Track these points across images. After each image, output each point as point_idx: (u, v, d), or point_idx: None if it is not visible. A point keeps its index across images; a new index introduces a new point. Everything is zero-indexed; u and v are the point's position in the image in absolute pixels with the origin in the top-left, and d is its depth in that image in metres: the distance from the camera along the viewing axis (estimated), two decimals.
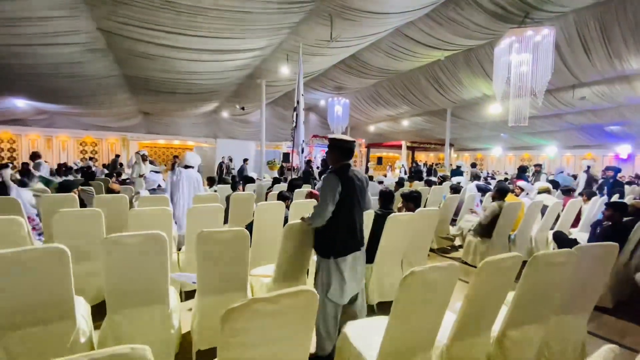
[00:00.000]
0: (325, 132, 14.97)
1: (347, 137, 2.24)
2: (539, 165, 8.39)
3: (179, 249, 3.48)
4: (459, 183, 6.01)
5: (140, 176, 6.90)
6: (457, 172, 8.43)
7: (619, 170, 7.83)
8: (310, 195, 3.60)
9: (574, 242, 3.43)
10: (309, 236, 2.31)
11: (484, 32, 7.61)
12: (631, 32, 6.73)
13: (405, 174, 11.68)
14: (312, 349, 2.10)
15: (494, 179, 9.30)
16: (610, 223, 3.15)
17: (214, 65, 7.97)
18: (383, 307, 2.92)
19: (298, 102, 6.67)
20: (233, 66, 8.46)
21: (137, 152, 7.67)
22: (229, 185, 5.73)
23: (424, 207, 5.49)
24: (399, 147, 18.00)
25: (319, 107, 16.54)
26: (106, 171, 9.42)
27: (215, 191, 5.55)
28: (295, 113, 6.67)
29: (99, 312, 2.13)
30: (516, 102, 6.85)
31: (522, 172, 7.68)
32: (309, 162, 8.11)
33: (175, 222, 3.85)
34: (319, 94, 13.77)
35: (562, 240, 3.54)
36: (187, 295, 3.12)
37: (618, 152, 14.26)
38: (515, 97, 6.83)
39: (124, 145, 15.30)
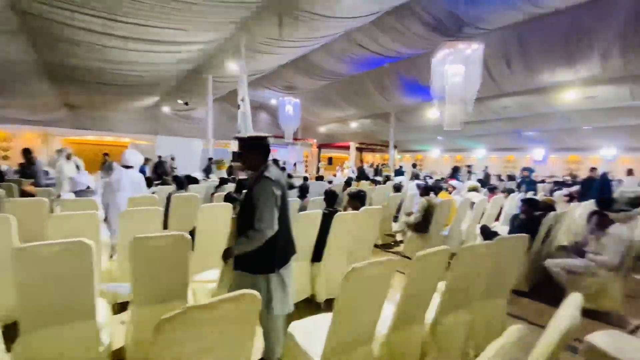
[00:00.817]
0: (277, 132, 14.81)
1: (262, 134, 1.98)
2: (470, 166, 9.35)
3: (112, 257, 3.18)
4: (400, 182, 6.41)
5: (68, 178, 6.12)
6: (399, 172, 8.99)
7: (533, 171, 9.06)
8: None
9: (495, 235, 3.87)
10: None
11: (422, 43, 8.20)
12: (544, 50, 7.80)
13: (354, 173, 12.13)
14: (260, 353, 2.07)
15: (432, 178, 10.11)
16: (524, 217, 3.64)
17: (153, 57, 7.40)
18: (331, 304, 3.00)
19: (243, 100, 6.52)
20: (175, 59, 7.95)
21: (60, 150, 6.80)
22: (172, 186, 5.38)
23: (370, 205, 5.77)
24: (348, 147, 18.58)
25: (269, 106, 16.33)
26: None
27: (154, 193, 5.17)
28: (240, 111, 6.52)
29: (10, 334, 1.85)
30: (450, 109, 7.53)
31: (455, 172, 8.47)
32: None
33: (110, 228, 3.50)
34: (269, 92, 13.60)
35: (487, 233, 3.99)
36: (122, 307, 2.87)
37: (534, 155, 16.45)
38: (450, 104, 7.51)
39: (45, 142, 13.43)
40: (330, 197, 3.21)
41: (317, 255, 3.03)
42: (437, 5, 6.81)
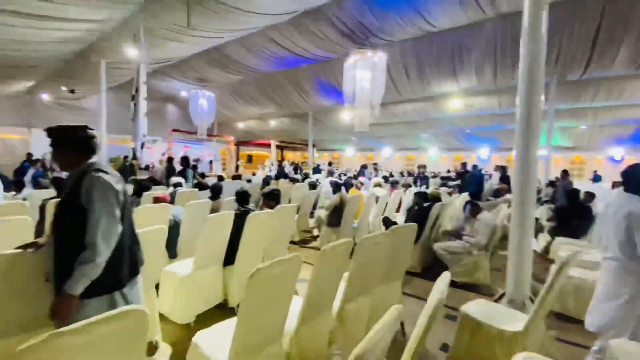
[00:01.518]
0: (188, 127, 13.70)
1: (78, 124, 1.53)
2: (376, 164, 10.32)
3: None
4: (317, 180, 6.66)
5: None
6: (316, 169, 9.32)
7: (424, 167, 10.60)
8: (156, 199, 3.24)
9: (394, 224, 4.35)
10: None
11: (335, 47, 8.63)
12: (435, 63, 9.02)
13: (271, 172, 12.09)
14: None
15: (345, 175, 10.78)
16: (417, 207, 4.18)
17: (33, 34, 6.05)
18: None
19: (137, 90, 5.86)
20: (57, 37, 6.64)
21: None
22: (50, 191, 4.48)
23: (290, 203, 5.83)
24: (269, 145, 18.38)
25: (179, 98, 15.01)
26: None
27: (25, 199, 4.24)
28: (133, 103, 5.85)
29: None
30: (360, 112, 8.14)
31: (363, 169, 9.21)
32: (170, 160, 7.24)
33: None
34: (179, 83, 12.49)
35: (388, 223, 4.46)
36: None
37: (429, 153, 19.02)
38: (359, 107, 8.11)
39: None
40: (242, 197, 3.14)
41: (230, 258, 2.93)
42: (348, 14, 7.25)
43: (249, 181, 7.28)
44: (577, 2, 6.25)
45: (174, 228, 3.18)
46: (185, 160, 7.05)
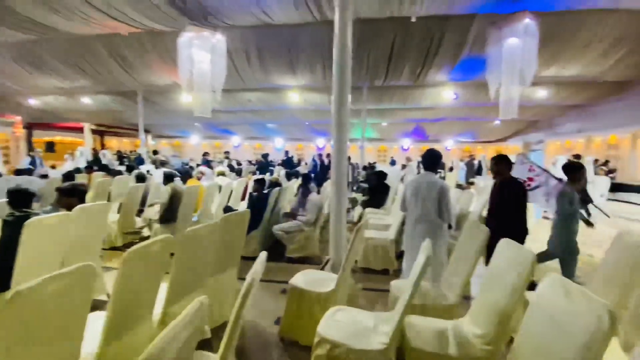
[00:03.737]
0: None
1: None
2: (227, 152, 10.01)
3: None
4: (148, 171, 5.78)
5: None
6: (140, 160, 8.07)
7: (267, 155, 11.13)
8: None
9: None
10: None
11: (165, 18, 7.60)
12: (275, 56, 9.34)
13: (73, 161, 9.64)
14: None
15: (187, 165, 9.91)
16: (256, 194, 4.32)
17: None
18: None
19: None
20: None
21: None
22: None
23: (108, 200, 4.82)
24: (81, 129, 14.54)
25: None
26: None
27: None
28: None
29: None
30: (200, 96, 7.58)
31: (205, 156, 8.72)
32: None
33: None
34: None
35: (230, 212, 4.41)
36: None
37: (275, 143, 19.95)
38: (199, 91, 7.53)
39: None
40: (17, 198, 2.33)
41: (2, 283, 2.14)
42: None
43: (44, 176, 5.52)
44: (379, 21, 7.83)
45: None
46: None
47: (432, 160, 3.00)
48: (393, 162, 15.48)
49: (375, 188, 6.14)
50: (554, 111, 14.03)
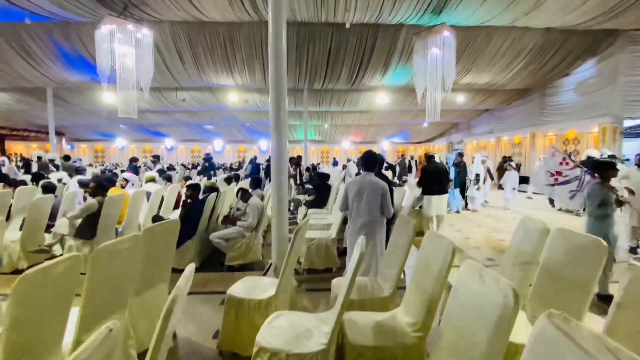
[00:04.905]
0: None
1: None
2: (157, 156, 9.20)
3: None
4: (60, 180, 5.02)
5: None
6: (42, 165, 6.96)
7: (211, 158, 10.53)
8: None
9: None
10: None
11: (77, 6, 6.74)
12: (209, 54, 8.89)
13: None
14: None
15: (111, 171, 8.89)
16: (190, 200, 4.04)
17: None
18: None
19: None
20: None
21: None
22: None
23: (8, 215, 4.06)
24: None
25: None
26: None
27: None
28: None
29: None
30: (125, 94, 6.85)
31: (132, 162, 7.94)
32: None
33: None
34: None
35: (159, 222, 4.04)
36: None
37: (214, 145, 19.02)
38: (123, 89, 6.81)
39: None
40: None
41: None
42: None
43: None
44: (317, 25, 7.96)
45: None
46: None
47: (370, 161, 3.13)
48: (335, 163, 15.93)
49: (318, 188, 6.22)
50: (471, 114, 15.87)
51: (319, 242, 3.90)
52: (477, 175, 7.85)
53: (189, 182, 4.70)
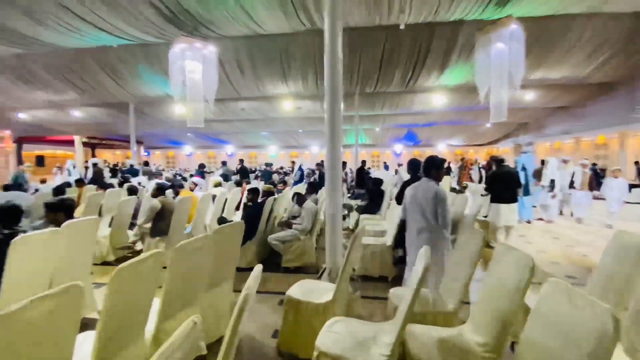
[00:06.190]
0: None
1: None
2: (224, 162, 9.98)
3: None
4: (139, 183, 5.69)
5: None
6: (131, 171, 7.96)
7: (271, 165, 11.08)
8: None
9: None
10: None
11: (156, 30, 7.61)
12: (267, 65, 9.38)
13: (71, 175, 9.47)
14: None
15: (181, 176, 9.81)
16: (250, 204, 4.26)
17: None
18: None
19: None
20: None
21: None
22: None
23: (100, 215, 4.72)
24: (72, 142, 14.35)
25: None
26: None
27: None
28: None
29: None
30: (193, 106, 7.53)
31: (200, 168, 8.65)
32: None
33: None
34: None
35: (223, 223, 4.34)
36: None
37: (268, 151, 19.89)
38: (192, 101, 7.50)
39: None
40: (6, 215, 2.26)
41: None
42: None
43: (35, 191, 5.39)
44: (368, 29, 7.92)
45: None
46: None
47: (425, 166, 3.00)
48: (386, 167, 15.56)
49: (371, 194, 6.13)
50: (543, 113, 14.28)
51: (373, 248, 3.82)
52: (552, 181, 7.00)
53: (249, 186, 4.98)
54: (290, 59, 9.08)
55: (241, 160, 10.67)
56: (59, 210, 2.59)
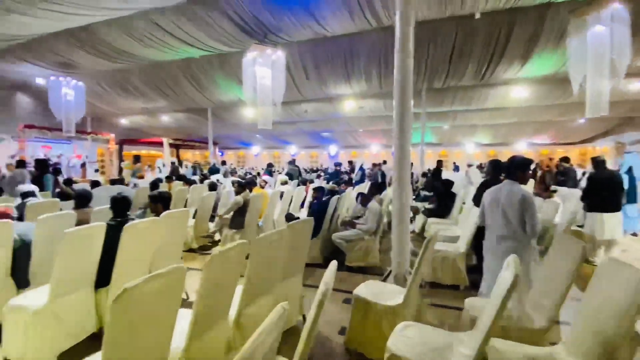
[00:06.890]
0: (48, 122, 11.17)
1: None
2: (292, 161, 10.52)
3: None
4: (217, 180, 6.27)
5: None
6: (213, 169, 8.79)
7: (340, 164, 11.27)
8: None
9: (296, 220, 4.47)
10: None
11: (232, 41, 8.28)
12: (330, 66, 9.55)
13: (161, 173, 10.84)
14: None
15: (251, 174, 10.53)
16: (315, 202, 4.38)
17: None
18: None
19: None
20: None
21: None
22: None
23: (185, 207, 5.33)
24: (161, 144, 16.43)
25: (33, 87, 12.06)
26: None
27: None
28: None
29: None
30: (262, 109, 8.04)
31: (269, 167, 9.18)
32: (22, 163, 5.71)
33: None
34: (36, 69, 10.00)
35: (290, 219, 4.54)
36: None
37: (329, 151, 20.21)
38: (261, 105, 8.00)
39: None
40: (118, 205, 2.69)
41: (104, 279, 2.49)
42: (243, 7, 7.01)
43: (134, 185, 6.34)
44: (437, 22, 7.51)
45: (22, 250, 2.52)
46: (41, 163, 5.68)
47: (509, 167, 2.72)
48: (456, 168, 14.52)
49: (441, 196, 5.78)
50: None
51: (444, 254, 3.62)
52: None
53: (314, 185, 5.14)
54: (354, 59, 9.08)
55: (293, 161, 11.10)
56: (159, 201, 3.01)
